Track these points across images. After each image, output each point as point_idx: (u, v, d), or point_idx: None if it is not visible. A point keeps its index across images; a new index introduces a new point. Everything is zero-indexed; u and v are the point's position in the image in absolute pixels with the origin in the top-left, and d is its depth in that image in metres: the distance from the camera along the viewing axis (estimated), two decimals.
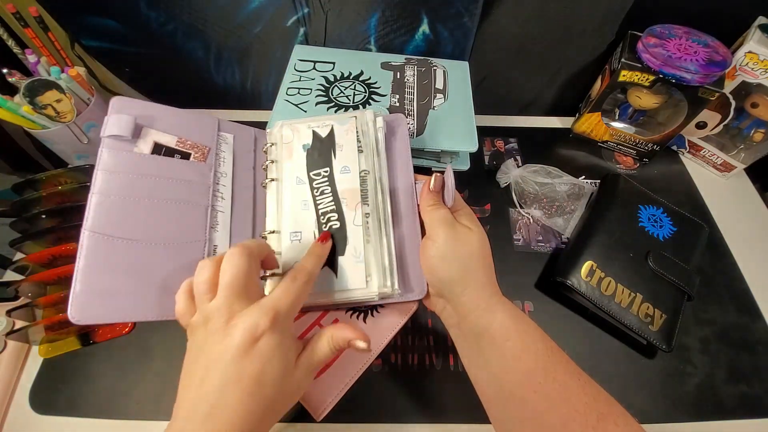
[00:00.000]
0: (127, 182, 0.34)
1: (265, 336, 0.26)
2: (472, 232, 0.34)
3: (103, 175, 0.34)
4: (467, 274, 0.33)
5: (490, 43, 0.60)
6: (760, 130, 0.55)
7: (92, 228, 0.32)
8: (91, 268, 0.31)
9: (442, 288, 0.34)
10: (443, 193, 0.36)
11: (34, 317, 0.43)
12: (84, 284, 0.30)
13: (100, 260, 0.31)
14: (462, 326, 0.33)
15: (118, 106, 0.37)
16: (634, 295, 0.46)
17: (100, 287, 0.31)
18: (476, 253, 0.33)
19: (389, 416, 0.42)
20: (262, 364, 0.26)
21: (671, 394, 0.44)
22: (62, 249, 0.43)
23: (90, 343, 0.45)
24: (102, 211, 0.32)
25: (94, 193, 0.33)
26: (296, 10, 0.56)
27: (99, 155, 0.34)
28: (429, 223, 0.35)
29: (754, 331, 0.48)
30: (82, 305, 0.30)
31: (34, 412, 0.42)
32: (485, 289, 0.33)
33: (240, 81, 0.67)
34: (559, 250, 0.54)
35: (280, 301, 0.28)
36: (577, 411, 0.28)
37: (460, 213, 0.36)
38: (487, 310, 0.32)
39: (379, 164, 0.38)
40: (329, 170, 0.38)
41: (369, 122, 0.39)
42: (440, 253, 0.33)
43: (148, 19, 0.56)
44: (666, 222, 0.52)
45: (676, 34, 0.53)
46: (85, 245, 0.31)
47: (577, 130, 0.65)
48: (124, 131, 0.35)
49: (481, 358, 0.32)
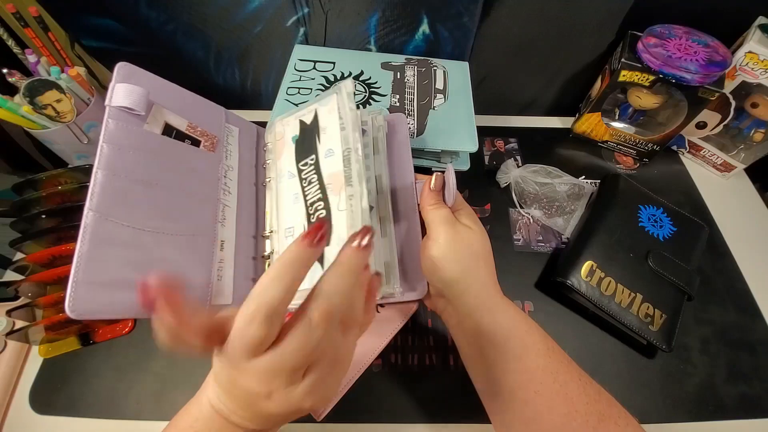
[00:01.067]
0: (136, 162, 0.30)
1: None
2: (474, 231, 0.34)
3: (110, 148, 0.29)
4: (468, 274, 0.32)
5: (490, 43, 0.60)
6: (760, 130, 0.55)
7: (98, 208, 0.28)
8: (95, 255, 0.27)
9: (443, 288, 0.33)
10: (444, 192, 0.36)
11: (34, 317, 0.43)
12: (86, 273, 0.26)
13: (104, 247, 0.28)
14: (463, 326, 0.33)
15: (124, 73, 0.32)
16: (634, 295, 0.46)
17: (103, 278, 0.27)
18: (478, 252, 0.33)
19: (389, 416, 0.42)
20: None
21: (671, 394, 0.44)
22: (62, 249, 0.43)
23: (90, 343, 0.45)
24: (108, 191, 0.29)
25: (99, 168, 0.29)
26: (296, 10, 0.56)
27: (104, 125, 0.30)
28: (430, 223, 0.34)
29: (754, 331, 0.48)
30: (83, 298, 0.26)
31: (34, 412, 0.42)
32: (487, 289, 0.32)
33: (240, 81, 0.67)
34: (559, 250, 0.54)
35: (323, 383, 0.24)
36: (578, 411, 0.28)
37: (461, 212, 0.35)
38: (489, 309, 0.32)
39: (380, 163, 0.38)
40: (315, 157, 0.36)
41: (348, 95, 0.36)
42: (441, 252, 0.33)
43: (148, 19, 0.56)
44: (666, 222, 0.52)
45: (676, 34, 0.53)
46: (90, 228, 0.27)
47: (577, 130, 0.65)
48: (137, 105, 0.31)
49: (481, 358, 0.32)
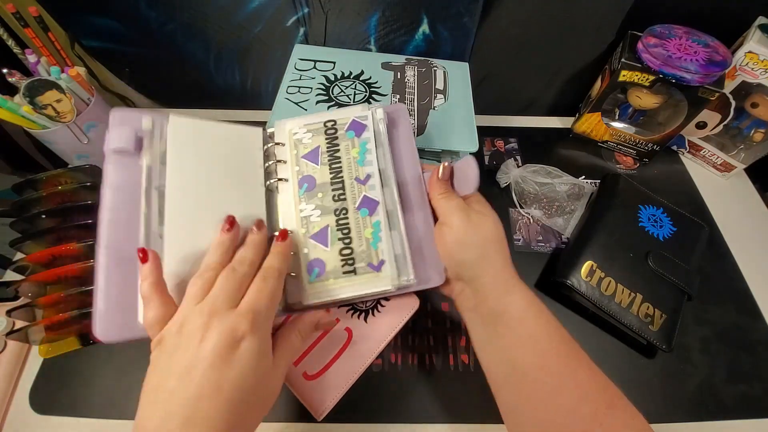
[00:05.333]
0: (136, 197, 0.32)
1: (246, 339, 0.25)
2: (486, 216, 0.34)
3: (111, 192, 0.32)
4: (485, 258, 0.33)
5: (490, 43, 0.60)
6: (760, 130, 0.55)
7: (107, 245, 0.30)
8: (111, 287, 0.30)
9: (461, 271, 0.34)
10: (452, 181, 0.36)
11: (34, 317, 0.43)
12: (106, 302, 0.29)
13: (118, 277, 0.30)
14: (479, 309, 0.33)
15: (119, 118, 0.35)
16: (634, 295, 0.46)
17: (123, 303, 0.29)
18: (492, 236, 0.33)
19: (389, 416, 0.42)
20: (242, 370, 0.25)
21: (671, 394, 0.44)
22: (62, 249, 0.43)
23: (90, 343, 0.45)
24: (115, 228, 0.31)
25: (104, 209, 0.31)
26: (296, 10, 0.56)
27: (104, 171, 0.33)
28: (442, 211, 0.35)
29: (754, 331, 0.48)
30: (108, 324, 0.29)
31: (34, 412, 0.42)
32: (504, 272, 0.33)
33: (240, 81, 0.67)
34: (559, 250, 0.54)
35: (257, 302, 0.27)
36: (588, 396, 0.28)
37: (472, 199, 0.36)
38: (506, 292, 0.32)
39: (382, 156, 0.38)
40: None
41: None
42: (457, 238, 0.33)
43: (148, 19, 0.56)
44: (666, 222, 0.52)
45: (676, 34, 0.53)
46: (103, 264, 0.30)
47: (577, 130, 0.65)
48: (128, 144, 0.33)
49: (495, 340, 0.32)
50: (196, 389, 0.23)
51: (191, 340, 0.25)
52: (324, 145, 0.38)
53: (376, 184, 0.36)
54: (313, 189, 0.36)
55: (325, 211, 0.35)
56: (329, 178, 0.37)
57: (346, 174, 0.37)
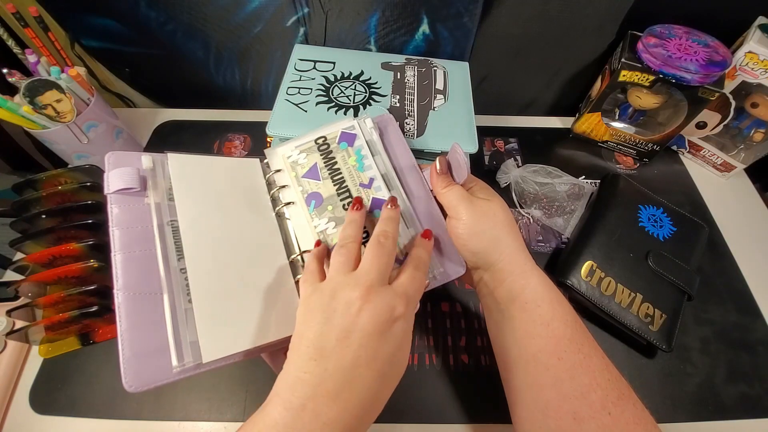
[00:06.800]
0: (148, 232, 0.33)
1: (401, 320, 0.27)
2: (492, 202, 0.35)
3: (121, 231, 0.32)
4: (498, 242, 0.33)
5: (490, 43, 0.60)
6: (760, 130, 0.55)
7: (125, 285, 0.30)
8: (134, 329, 0.29)
9: (477, 260, 0.34)
10: (451, 172, 0.36)
11: (34, 317, 0.43)
12: (131, 348, 0.28)
13: (140, 318, 0.30)
14: (496, 293, 0.33)
15: (114, 160, 0.35)
16: (634, 295, 0.46)
17: (148, 348, 0.29)
18: (502, 221, 0.34)
19: (389, 416, 0.41)
20: (395, 347, 0.27)
21: (671, 394, 0.44)
22: (62, 249, 0.43)
23: (90, 343, 0.45)
24: (130, 268, 0.31)
25: (116, 251, 0.31)
26: (296, 10, 0.56)
27: (110, 212, 0.33)
28: (448, 205, 0.35)
29: (754, 331, 0.48)
30: (137, 372, 0.28)
31: (34, 412, 0.42)
32: (520, 254, 0.33)
33: (240, 81, 0.67)
34: (559, 250, 0.54)
35: (410, 287, 0.29)
36: (598, 384, 0.28)
37: (475, 188, 0.36)
38: (522, 274, 0.32)
39: (381, 162, 0.39)
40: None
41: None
42: (468, 229, 0.34)
43: (148, 19, 0.56)
44: (666, 222, 0.52)
45: (676, 34, 0.53)
46: (123, 307, 0.30)
47: (577, 130, 0.65)
48: (132, 183, 0.33)
49: (509, 322, 0.32)
50: (353, 354, 0.25)
51: (349, 307, 0.26)
52: (320, 161, 0.39)
53: (382, 186, 0.37)
54: (322, 204, 0.37)
55: (339, 221, 0.36)
56: (334, 190, 0.37)
57: (349, 182, 0.38)
